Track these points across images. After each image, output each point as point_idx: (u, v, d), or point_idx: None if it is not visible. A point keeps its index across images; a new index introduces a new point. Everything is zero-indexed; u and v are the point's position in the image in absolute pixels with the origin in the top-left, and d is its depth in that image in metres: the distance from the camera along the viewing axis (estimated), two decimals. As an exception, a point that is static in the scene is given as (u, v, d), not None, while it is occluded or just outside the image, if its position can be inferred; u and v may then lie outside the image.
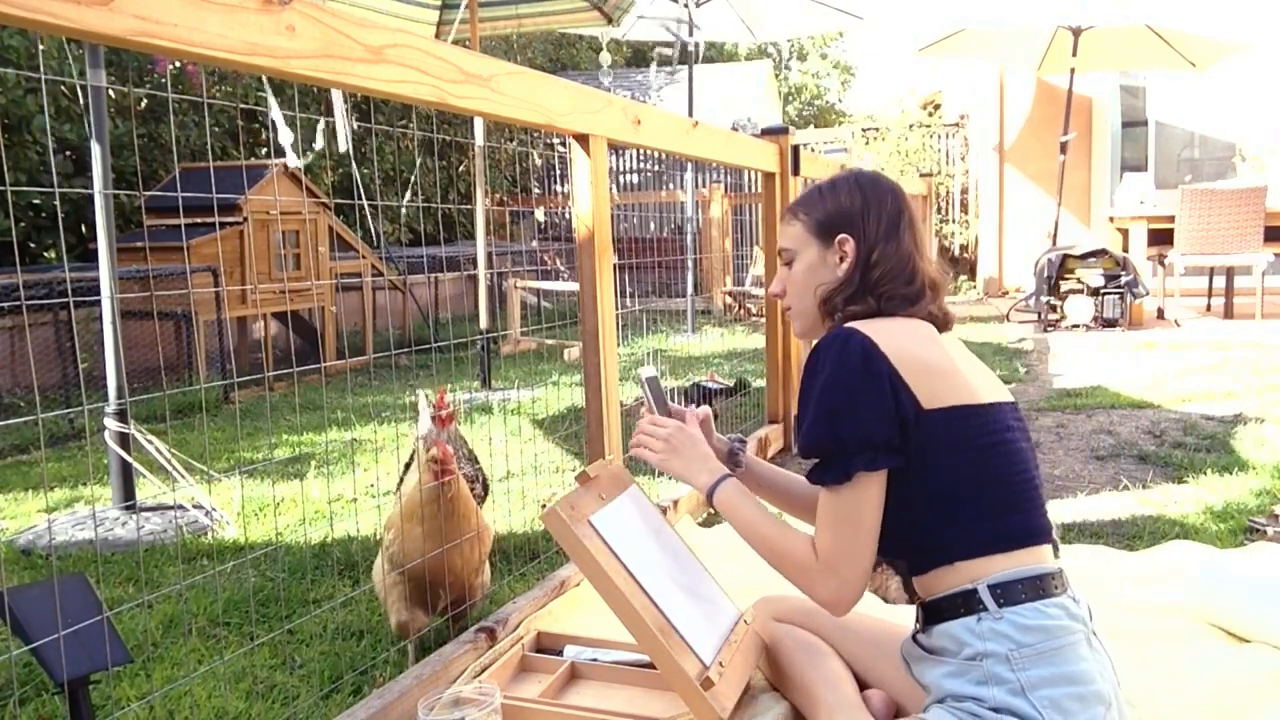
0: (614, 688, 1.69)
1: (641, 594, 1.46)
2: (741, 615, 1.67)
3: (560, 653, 1.80)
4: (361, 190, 7.13)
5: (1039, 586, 1.30)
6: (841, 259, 1.47)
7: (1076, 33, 8.00)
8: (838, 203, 1.49)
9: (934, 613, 1.36)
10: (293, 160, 4.18)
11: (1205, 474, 3.08)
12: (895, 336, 1.36)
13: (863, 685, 1.56)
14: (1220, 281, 7.58)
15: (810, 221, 1.51)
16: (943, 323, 1.48)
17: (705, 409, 1.71)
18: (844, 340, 1.35)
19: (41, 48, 5.41)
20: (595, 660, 1.74)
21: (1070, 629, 1.29)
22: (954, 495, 1.33)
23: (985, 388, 1.40)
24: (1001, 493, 1.34)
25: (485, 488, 2.53)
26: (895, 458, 1.33)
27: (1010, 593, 1.29)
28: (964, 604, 1.31)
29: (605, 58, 7.82)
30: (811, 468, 1.38)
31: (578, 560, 1.47)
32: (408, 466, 2.36)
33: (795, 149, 3.66)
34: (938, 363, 1.37)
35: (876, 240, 1.46)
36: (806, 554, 1.37)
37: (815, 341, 1.42)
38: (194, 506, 3.00)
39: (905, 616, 1.71)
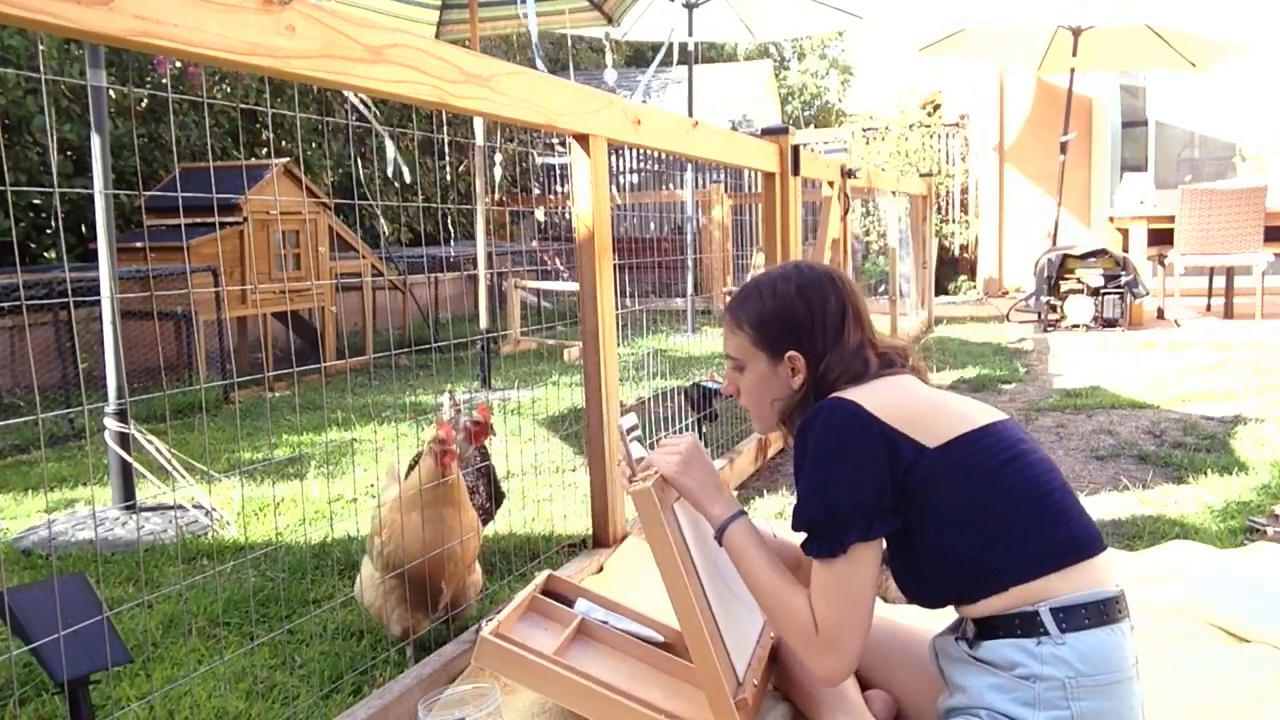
0: (618, 657, 1.66)
1: (702, 594, 1.45)
2: (765, 626, 1.66)
3: (570, 603, 1.77)
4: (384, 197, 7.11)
5: (1103, 612, 1.26)
6: (794, 372, 1.45)
7: (1076, 33, 8.00)
8: (780, 314, 1.45)
9: (986, 629, 1.31)
10: (408, 176, 4.24)
11: (1205, 474, 3.07)
12: (879, 394, 1.35)
13: (864, 685, 1.56)
14: (1220, 281, 7.58)
15: (755, 335, 1.47)
16: (920, 376, 1.47)
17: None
18: (829, 411, 1.33)
19: (41, 48, 5.41)
20: (606, 624, 1.71)
21: (1128, 663, 1.26)
22: (985, 519, 1.30)
23: (980, 414, 1.38)
24: (1033, 506, 1.31)
25: (498, 498, 2.49)
26: (890, 523, 1.30)
27: (1073, 617, 1.25)
28: (1022, 625, 1.26)
29: (610, 68, 7.79)
30: (804, 540, 1.35)
31: (655, 544, 1.44)
32: (412, 466, 2.35)
33: (795, 149, 3.66)
34: (928, 402, 1.37)
35: (826, 350, 1.42)
36: (808, 623, 1.32)
37: (798, 424, 1.40)
38: (194, 506, 3.00)
39: (905, 616, 1.71)
